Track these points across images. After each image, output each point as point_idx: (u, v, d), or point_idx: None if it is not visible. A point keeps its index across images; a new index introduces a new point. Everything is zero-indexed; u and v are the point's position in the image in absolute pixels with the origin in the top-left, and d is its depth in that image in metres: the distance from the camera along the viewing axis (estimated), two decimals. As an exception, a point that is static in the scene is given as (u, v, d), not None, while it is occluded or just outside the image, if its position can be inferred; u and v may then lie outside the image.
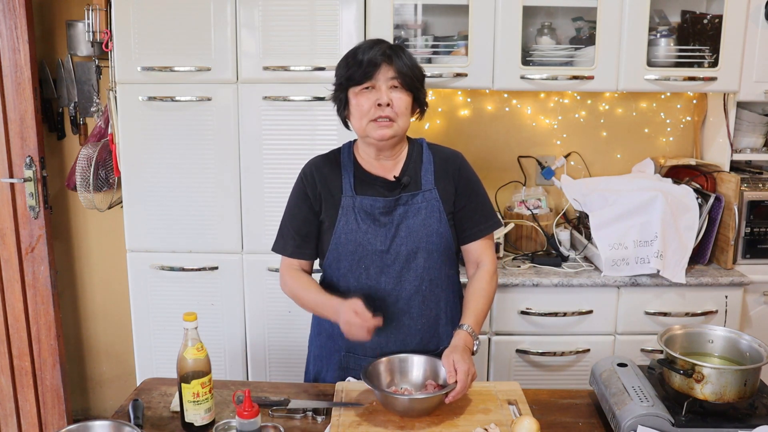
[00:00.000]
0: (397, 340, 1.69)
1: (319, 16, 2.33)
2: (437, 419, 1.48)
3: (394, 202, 1.66)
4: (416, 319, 1.69)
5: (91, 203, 2.69)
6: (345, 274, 1.69)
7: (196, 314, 1.46)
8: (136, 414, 1.49)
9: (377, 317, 1.55)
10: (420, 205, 1.67)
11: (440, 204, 1.68)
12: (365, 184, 1.70)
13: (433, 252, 1.68)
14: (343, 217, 1.67)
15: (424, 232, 1.66)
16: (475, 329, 1.63)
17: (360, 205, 1.67)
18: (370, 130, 1.63)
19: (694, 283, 2.37)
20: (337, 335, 1.72)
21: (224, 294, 2.52)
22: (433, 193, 1.68)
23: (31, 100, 2.56)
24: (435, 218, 1.67)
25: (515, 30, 2.40)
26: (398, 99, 1.61)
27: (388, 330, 1.68)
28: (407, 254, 1.66)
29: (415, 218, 1.66)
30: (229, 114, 2.41)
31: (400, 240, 1.66)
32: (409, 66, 1.61)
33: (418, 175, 1.70)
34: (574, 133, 2.86)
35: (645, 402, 1.42)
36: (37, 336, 2.75)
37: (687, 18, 2.58)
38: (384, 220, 1.66)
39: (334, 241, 1.68)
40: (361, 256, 1.67)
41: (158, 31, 2.36)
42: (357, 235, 1.66)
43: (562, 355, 2.42)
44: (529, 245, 2.67)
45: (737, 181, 2.44)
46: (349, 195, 1.68)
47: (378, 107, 1.60)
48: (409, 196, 1.67)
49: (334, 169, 1.72)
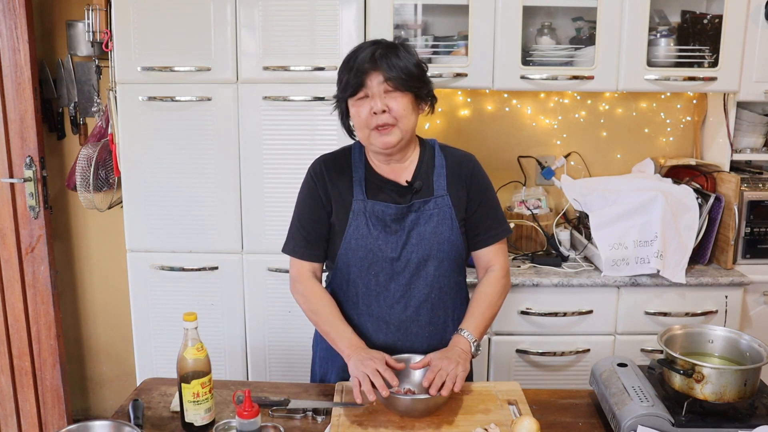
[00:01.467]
0: (404, 347, 1.67)
1: (319, 16, 2.33)
2: (437, 419, 1.48)
3: (407, 209, 1.63)
4: (424, 326, 1.68)
5: (91, 203, 2.69)
6: (354, 279, 1.67)
7: (196, 314, 1.46)
8: (136, 414, 1.49)
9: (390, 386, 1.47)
10: (432, 211, 1.64)
11: (452, 211, 1.64)
12: (377, 188, 1.66)
13: (444, 260, 1.65)
14: (354, 221, 1.64)
15: (435, 240, 1.63)
16: (474, 333, 1.60)
17: (372, 210, 1.63)
18: (373, 139, 1.59)
19: (694, 283, 2.37)
20: None
21: (224, 294, 2.52)
22: (445, 199, 1.65)
23: (31, 100, 2.56)
24: (447, 226, 1.64)
25: (515, 30, 2.40)
26: (395, 102, 1.55)
27: (395, 337, 1.67)
28: (418, 262, 1.64)
29: (427, 225, 1.63)
30: (229, 114, 2.41)
31: (411, 247, 1.63)
32: (400, 67, 1.54)
33: (430, 180, 1.66)
34: (574, 133, 2.86)
35: (645, 402, 1.41)
36: (37, 336, 2.75)
37: (687, 18, 2.58)
38: (395, 226, 1.63)
39: (344, 246, 1.65)
40: (372, 262, 1.64)
41: (158, 31, 2.36)
42: (368, 241, 1.63)
43: (562, 355, 2.42)
44: (529, 245, 2.67)
45: (737, 181, 2.44)
46: (360, 199, 1.64)
47: (374, 115, 1.55)
48: (421, 203, 1.63)
49: (344, 169, 1.68)
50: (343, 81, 1.59)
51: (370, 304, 1.67)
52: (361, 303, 1.68)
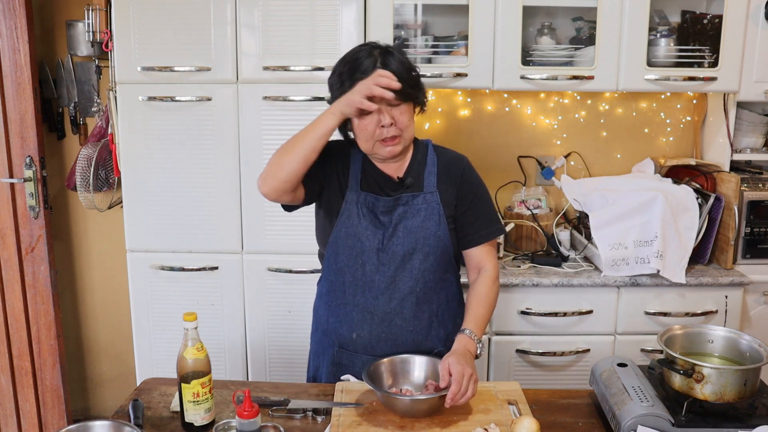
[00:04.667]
0: (388, 339, 1.68)
1: (319, 16, 2.33)
2: (437, 419, 1.48)
3: (394, 202, 1.67)
4: (409, 320, 1.69)
5: (91, 203, 2.69)
6: (342, 268, 1.70)
7: (196, 314, 1.46)
8: (136, 414, 1.49)
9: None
10: (420, 206, 1.67)
11: (440, 207, 1.67)
12: (371, 180, 1.70)
13: (430, 254, 1.67)
14: (346, 210, 1.67)
15: (421, 234, 1.66)
16: (477, 333, 1.61)
17: (363, 201, 1.67)
18: (379, 150, 1.62)
19: (694, 283, 2.37)
20: (330, 331, 1.73)
21: (224, 294, 2.52)
22: (434, 195, 1.68)
23: (31, 100, 2.56)
24: (434, 221, 1.67)
25: (515, 30, 2.40)
26: (400, 114, 1.59)
27: (379, 329, 1.68)
28: (403, 255, 1.66)
29: (414, 219, 1.66)
30: (229, 114, 2.41)
31: (397, 240, 1.66)
32: (404, 78, 1.55)
33: (421, 177, 1.70)
34: (574, 133, 2.86)
35: (645, 402, 1.41)
36: (37, 336, 2.75)
37: (687, 18, 2.58)
38: (383, 219, 1.67)
39: (335, 233, 1.68)
40: (359, 251, 1.67)
41: (158, 31, 2.36)
42: (357, 230, 1.66)
43: (562, 355, 2.42)
44: (529, 245, 2.68)
45: (737, 181, 2.44)
46: (354, 189, 1.68)
47: (382, 129, 1.58)
48: (409, 197, 1.67)
49: (346, 157, 1.72)
50: (344, 88, 1.57)
51: (356, 294, 1.69)
52: (347, 292, 1.70)
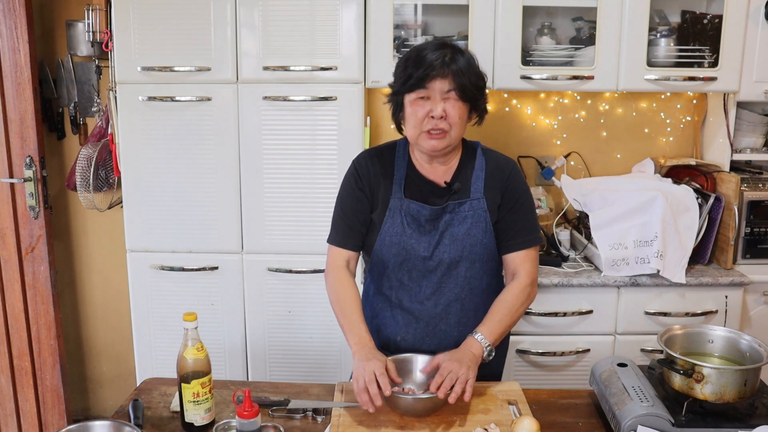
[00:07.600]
0: (432, 344, 1.69)
1: (319, 16, 2.33)
2: (437, 419, 1.48)
3: (441, 210, 1.65)
4: (453, 326, 1.69)
5: (91, 203, 2.69)
6: (388, 273, 1.70)
7: (196, 314, 1.46)
8: (136, 414, 1.49)
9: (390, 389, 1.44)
10: (466, 213, 1.65)
11: (487, 214, 1.66)
12: (415, 187, 1.68)
13: (476, 261, 1.67)
14: (390, 218, 1.67)
15: (468, 242, 1.65)
16: (489, 338, 1.59)
17: (407, 209, 1.66)
18: (422, 141, 1.61)
19: (694, 283, 2.37)
20: (374, 332, 1.70)
21: (224, 294, 2.52)
22: (481, 202, 1.66)
23: (31, 100, 2.56)
24: (480, 228, 1.66)
25: (515, 30, 2.40)
26: (453, 109, 1.57)
27: (424, 332, 1.69)
28: (449, 262, 1.66)
29: (460, 227, 1.65)
30: (229, 114, 2.41)
31: (443, 248, 1.65)
32: (467, 77, 1.56)
33: (469, 182, 1.68)
34: (574, 133, 2.86)
35: (645, 402, 1.42)
36: (37, 336, 2.75)
37: (687, 18, 2.58)
38: (429, 227, 1.66)
39: (380, 241, 1.68)
40: (405, 258, 1.67)
41: (158, 31, 2.36)
42: (402, 239, 1.66)
43: (562, 355, 2.42)
44: (529, 245, 2.67)
45: (737, 181, 2.44)
46: (398, 197, 1.67)
47: (431, 119, 1.58)
48: (456, 204, 1.65)
49: (386, 166, 1.71)
50: (405, 75, 1.59)
51: (402, 298, 1.70)
52: (393, 296, 1.71)
